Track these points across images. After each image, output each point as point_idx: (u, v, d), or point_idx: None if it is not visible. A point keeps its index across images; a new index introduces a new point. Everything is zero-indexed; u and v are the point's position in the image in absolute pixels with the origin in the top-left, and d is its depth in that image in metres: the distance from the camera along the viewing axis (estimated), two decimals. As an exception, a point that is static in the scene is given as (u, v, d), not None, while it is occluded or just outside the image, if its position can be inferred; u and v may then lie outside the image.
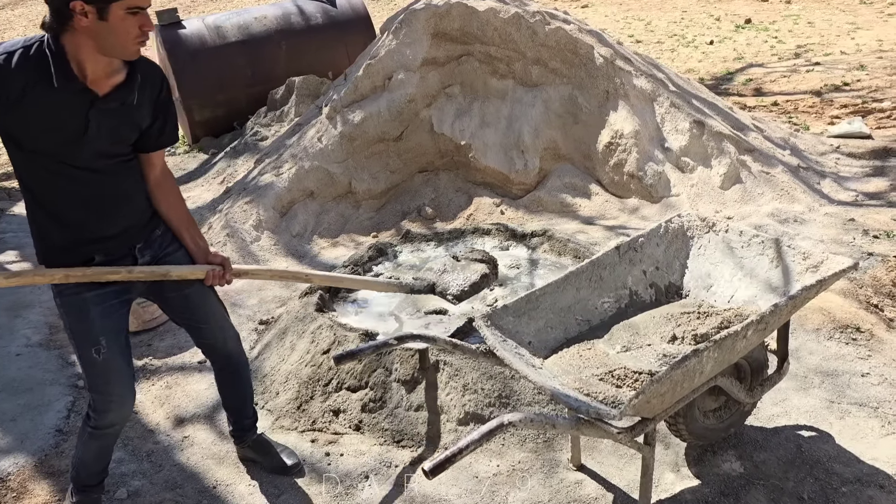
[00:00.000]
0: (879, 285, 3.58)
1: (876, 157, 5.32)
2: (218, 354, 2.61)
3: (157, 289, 2.38)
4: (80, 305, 2.20)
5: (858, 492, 2.45)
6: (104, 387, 2.27)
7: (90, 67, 2.01)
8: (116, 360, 2.24)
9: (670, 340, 2.40)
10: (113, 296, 2.24)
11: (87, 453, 2.43)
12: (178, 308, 2.46)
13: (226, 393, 2.73)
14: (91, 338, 2.20)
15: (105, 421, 2.33)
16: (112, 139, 2.13)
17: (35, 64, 1.96)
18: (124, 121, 2.14)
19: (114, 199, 2.19)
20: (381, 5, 14.85)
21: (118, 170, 2.19)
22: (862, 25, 9.89)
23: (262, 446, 2.81)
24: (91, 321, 2.20)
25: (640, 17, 11.98)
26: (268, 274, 2.80)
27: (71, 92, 2.00)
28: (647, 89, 4.97)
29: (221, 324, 2.54)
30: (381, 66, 5.24)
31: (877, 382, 2.98)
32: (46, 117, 2.00)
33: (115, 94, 2.08)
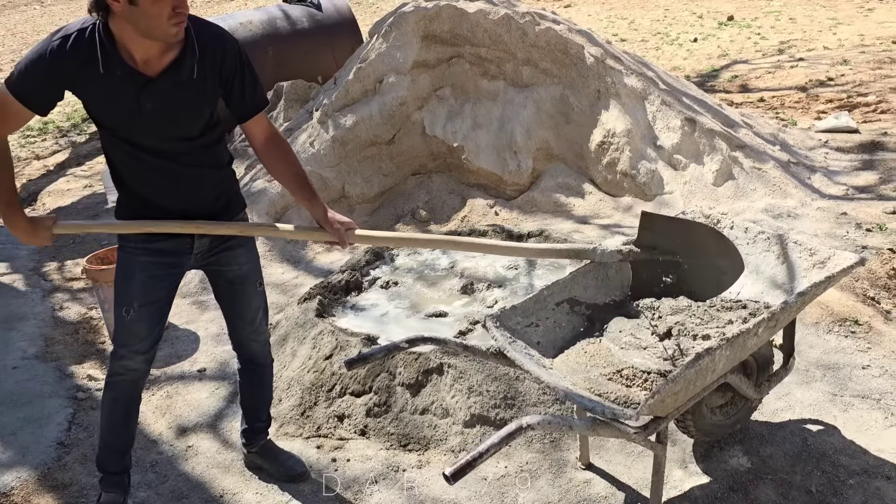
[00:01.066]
0: (875, 278, 3.62)
1: (864, 150, 5.39)
2: (244, 351, 2.67)
3: (213, 273, 2.49)
4: (129, 266, 2.33)
5: (866, 483, 2.48)
6: (122, 340, 2.39)
7: (137, 50, 2.05)
8: (141, 324, 2.35)
9: (666, 337, 2.41)
10: (164, 266, 2.35)
11: (103, 411, 2.50)
12: (223, 296, 2.55)
13: (244, 392, 2.76)
14: (126, 298, 2.33)
15: (115, 367, 2.43)
16: (169, 120, 2.16)
17: (87, 48, 2.03)
18: (182, 100, 2.15)
19: (182, 182, 2.26)
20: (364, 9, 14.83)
21: (190, 155, 2.24)
22: (843, 20, 10.02)
23: (269, 452, 2.81)
24: (132, 283, 2.32)
25: (624, 16, 12.06)
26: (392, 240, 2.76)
27: (118, 77, 2.05)
28: (637, 88, 4.99)
29: (256, 325, 2.60)
30: (371, 69, 5.23)
31: (878, 374, 3.01)
32: (99, 100, 2.10)
33: (166, 74, 2.10)
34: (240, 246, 2.44)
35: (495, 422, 2.87)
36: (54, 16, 17.84)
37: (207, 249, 2.39)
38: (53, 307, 4.24)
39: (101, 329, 3.98)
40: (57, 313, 4.17)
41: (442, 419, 2.90)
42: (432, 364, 2.99)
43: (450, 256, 4.09)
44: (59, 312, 4.18)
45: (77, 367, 3.62)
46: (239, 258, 2.45)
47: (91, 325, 4.03)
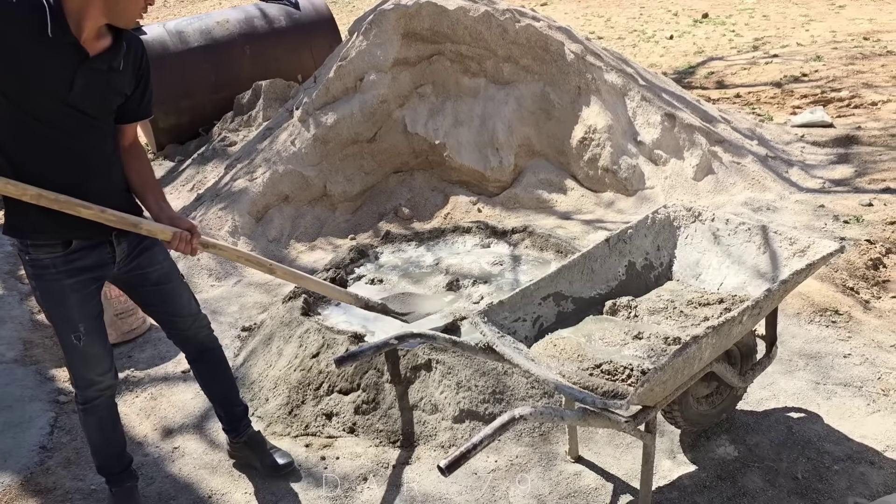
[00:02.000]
0: (854, 269, 3.68)
1: (839, 144, 5.48)
2: (192, 345, 2.62)
3: (132, 280, 2.41)
4: (59, 292, 2.22)
5: (850, 469, 2.52)
6: (83, 368, 2.34)
7: (88, 27, 2.04)
8: (94, 344, 2.31)
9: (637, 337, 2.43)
10: (91, 282, 2.27)
11: (91, 434, 2.49)
12: (152, 302, 2.49)
13: (207, 383, 2.72)
14: (71, 325, 2.25)
15: (87, 395, 2.39)
16: (96, 101, 2.14)
17: (33, 10, 1.96)
18: (110, 85, 2.15)
19: (88, 168, 2.18)
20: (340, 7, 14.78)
21: (89, 134, 2.17)
22: (815, 17, 10.17)
23: (257, 443, 2.79)
24: (70, 308, 2.24)
25: (600, 14, 12.14)
26: (234, 254, 2.66)
27: (63, 45, 2.01)
28: (617, 84, 5.03)
29: (195, 314, 2.57)
30: (351, 67, 5.21)
31: (859, 362, 3.06)
32: (36, 64, 1.99)
33: (104, 56, 2.10)
34: (154, 245, 2.41)
35: (484, 416, 2.87)
36: None
37: (127, 255, 2.34)
38: (31, 310, 4.17)
39: (81, 332, 3.92)
40: (35, 316, 4.10)
41: (431, 415, 2.90)
42: (420, 360, 2.99)
43: (434, 253, 4.09)
44: (37, 315, 4.11)
45: (57, 370, 3.56)
46: (157, 256, 2.42)
47: (71, 328, 3.97)
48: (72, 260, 2.21)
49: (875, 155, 5.21)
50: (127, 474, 2.60)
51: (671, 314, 2.52)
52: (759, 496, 2.45)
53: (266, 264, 2.73)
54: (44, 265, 2.19)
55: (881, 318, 3.38)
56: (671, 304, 2.56)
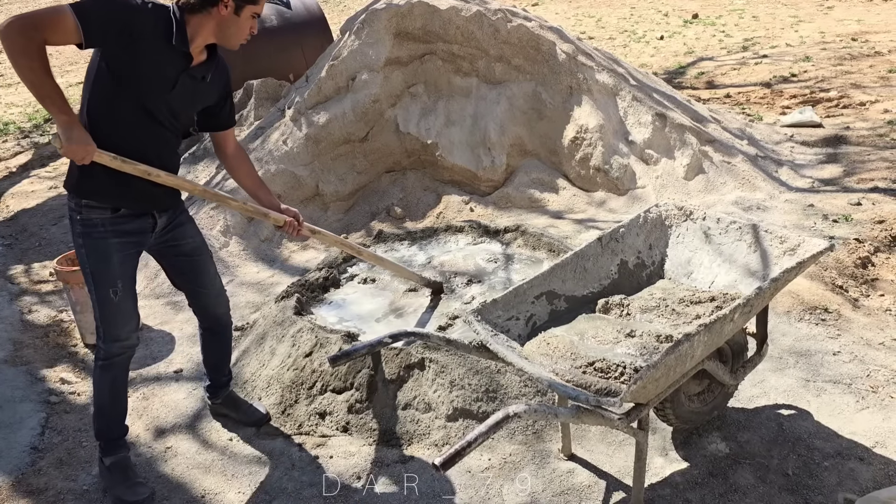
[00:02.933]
0: (843, 267, 3.71)
1: (828, 144, 5.52)
2: (209, 316, 2.90)
3: (168, 250, 2.70)
4: (105, 249, 2.47)
5: (840, 465, 2.55)
6: (114, 322, 2.55)
7: (198, 42, 2.40)
8: (128, 301, 2.56)
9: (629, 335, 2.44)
10: (132, 245, 2.54)
11: (102, 392, 2.65)
12: (182, 271, 2.77)
13: (209, 351, 3.00)
14: (111, 280, 2.49)
15: (112, 350, 2.59)
16: (186, 102, 2.50)
17: (164, 20, 2.33)
18: (199, 92, 2.52)
19: (157, 156, 2.48)
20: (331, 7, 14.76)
21: (172, 135, 2.53)
22: (804, 18, 10.25)
23: (233, 401, 3.08)
24: (113, 265, 2.49)
25: (591, 14, 12.18)
26: (331, 239, 3.12)
27: (178, 52, 2.36)
28: (609, 84, 5.05)
29: (218, 290, 2.87)
30: (343, 66, 5.21)
31: (848, 360, 3.09)
32: (153, 63, 2.33)
33: (200, 67, 2.47)
34: (187, 221, 2.73)
35: (478, 415, 2.88)
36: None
37: (164, 227, 2.63)
38: (21, 311, 4.14)
39: (72, 332, 3.91)
40: (25, 317, 4.08)
41: (424, 413, 2.91)
42: (413, 359, 2.99)
43: (427, 252, 4.10)
44: (27, 316, 4.09)
45: (48, 370, 3.54)
46: (189, 231, 2.72)
47: (62, 328, 3.95)
48: (118, 222, 2.48)
49: (863, 155, 5.26)
50: (122, 442, 2.74)
51: (663, 312, 2.54)
52: (751, 492, 2.47)
53: (356, 249, 3.28)
54: (93, 224, 2.45)
55: (870, 315, 3.42)
56: (663, 302, 2.58)
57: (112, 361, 2.61)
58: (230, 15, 2.38)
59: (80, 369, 3.57)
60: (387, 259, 3.47)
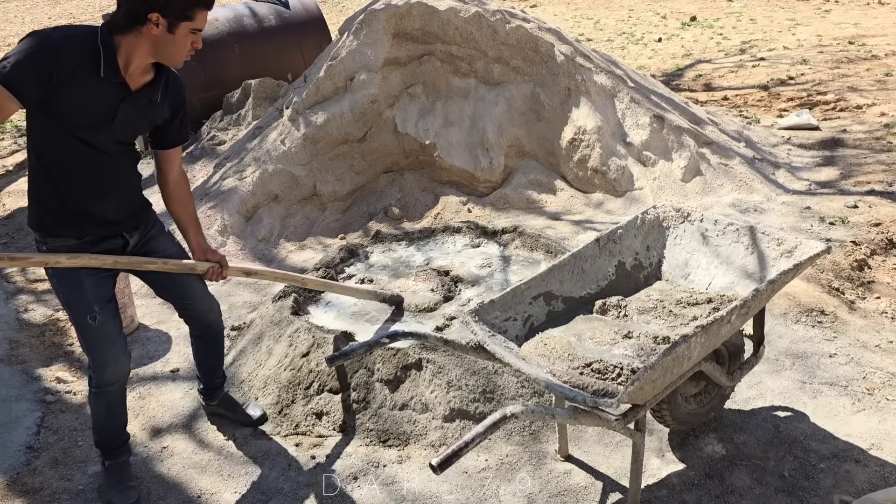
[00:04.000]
0: (839, 269, 3.72)
1: (825, 147, 5.53)
2: (200, 324, 2.84)
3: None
4: (75, 276, 2.39)
5: (836, 467, 2.55)
6: (100, 349, 2.47)
7: (135, 65, 2.24)
8: (108, 324, 2.46)
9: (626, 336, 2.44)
10: (103, 269, 2.44)
11: (98, 414, 2.62)
12: (163, 285, 2.69)
13: (202, 356, 2.95)
14: (86, 306, 2.41)
15: (104, 379, 2.52)
16: (130, 130, 2.36)
17: (90, 52, 2.16)
18: (145, 115, 2.37)
19: (112, 182, 2.39)
20: (330, 7, 14.76)
21: (123, 158, 2.41)
22: (801, 21, 10.27)
23: (229, 402, 3.05)
24: (85, 291, 2.40)
25: (589, 16, 12.20)
26: (268, 274, 2.98)
27: (111, 83, 2.21)
28: (607, 85, 5.06)
29: (204, 299, 2.77)
30: (342, 66, 5.21)
31: (844, 362, 3.10)
32: (84, 100, 2.19)
33: (144, 91, 2.31)
34: (160, 234, 2.62)
35: (475, 416, 2.88)
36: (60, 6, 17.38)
37: (136, 244, 2.53)
38: (17, 309, 4.13)
39: (68, 331, 3.90)
40: (21, 315, 4.07)
41: (421, 414, 2.90)
42: (411, 359, 2.99)
43: (424, 253, 4.10)
44: (23, 315, 4.08)
45: (44, 369, 3.53)
46: (163, 243, 2.62)
47: (58, 327, 3.94)
48: (84, 248, 2.40)
49: (860, 157, 5.28)
50: (122, 449, 2.71)
51: (660, 314, 2.54)
52: (747, 494, 2.47)
53: (298, 279, 3.08)
54: (59, 251, 2.37)
55: (866, 318, 3.42)
56: (660, 303, 2.58)
57: (105, 390, 2.54)
58: (163, 34, 2.17)
59: (75, 368, 3.56)
60: (334, 283, 3.33)
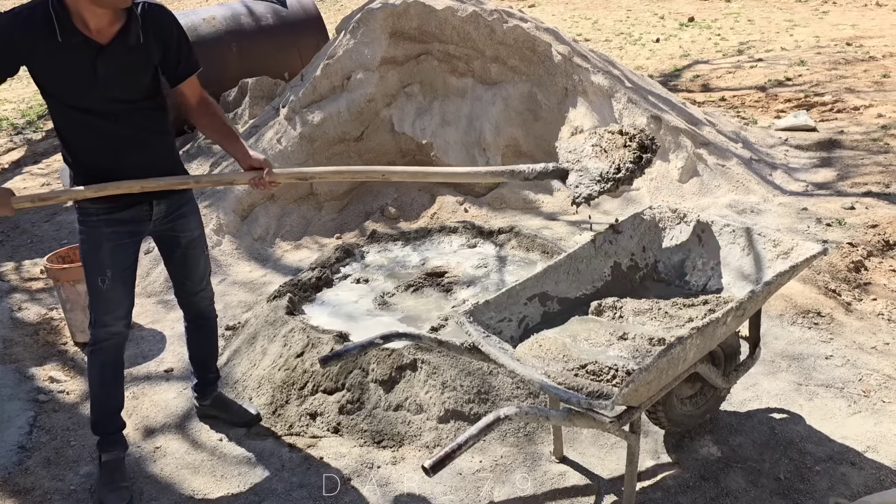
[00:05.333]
0: (836, 271, 3.71)
1: (822, 148, 5.53)
2: (192, 309, 2.88)
3: (167, 238, 2.67)
4: (96, 238, 2.48)
5: (832, 469, 2.54)
6: (100, 310, 2.55)
7: (91, 19, 2.18)
8: (117, 291, 2.53)
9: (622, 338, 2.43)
10: (126, 235, 2.52)
11: (93, 381, 2.66)
12: (175, 260, 2.74)
13: (194, 345, 2.95)
14: (100, 269, 2.49)
15: (99, 334, 2.59)
16: (123, 84, 2.32)
17: (42, 21, 2.15)
18: (133, 63, 2.32)
19: (127, 145, 2.39)
20: (328, 6, 14.74)
21: (133, 117, 2.39)
22: (799, 22, 10.27)
23: (222, 402, 3.03)
24: (103, 254, 2.48)
25: (587, 16, 12.19)
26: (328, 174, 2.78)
27: (74, 44, 2.18)
28: (604, 86, 5.05)
29: (204, 285, 2.84)
30: (339, 65, 5.19)
31: (840, 364, 3.09)
32: (57, 68, 2.19)
33: (118, 40, 2.25)
34: (191, 213, 2.68)
35: (469, 417, 2.87)
36: None
37: (164, 215, 2.58)
38: (11, 308, 4.11)
39: (62, 330, 3.88)
40: (15, 314, 4.05)
41: (416, 415, 2.89)
42: (405, 360, 2.98)
43: (420, 253, 4.09)
44: (17, 313, 4.06)
45: (38, 368, 3.52)
46: (190, 223, 2.68)
47: (52, 326, 3.92)
48: (112, 211, 2.46)
49: (857, 159, 5.27)
50: (118, 438, 2.74)
51: (656, 315, 2.53)
52: (742, 496, 2.46)
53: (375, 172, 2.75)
54: (88, 212, 2.47)
55: (862, 320, 3.42)
56: (656, 304, 2.57)
57: (100, 346, 2.61)
58: None
59: (69, 368, 3.54)
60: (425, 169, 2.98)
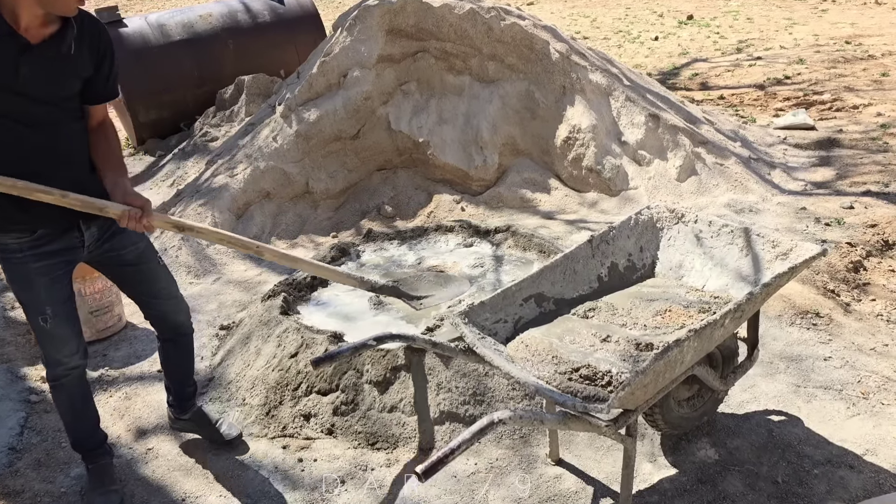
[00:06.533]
0: (834, 271, 3.69)
1: (820, 147, 5.50)
2: (168, 325, 2.67)
3: (108, 260, 2.45)
4: (25, 274, 2.27)
5: (830, 473, 2.51)
6: (50, 348, 2.40)
7: (25, 17, 2.05)
8: (62, 326, 2.35)
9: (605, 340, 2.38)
10: (59, 266, 2.31)
11: (62, 410, 2.55)
12: (129, 281, 2.54)
13: (170, 364, 2.79)
14: (38, 307, 2.30)
15: (55, 373, 2.45)
16: (49, 88, 2.14)
17: None
18: (64, 70, 2.16)
19: (52, 156, 2.19)
20: (325, 3, 14.69)
21: (61, 129, 2.21)
22: (798, 21, 10.24)
23: (202, 418, 2.86)
24: (37, 291, 2.28)
25: (586, 14, 12.15)
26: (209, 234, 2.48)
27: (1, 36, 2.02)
28: (602, 84, 5.01)
29: (174, 296, 2.62)
30: (335, 63, 5.16)
31: (839, 365, 3.07)
32: None
33: (49, 42, 2.11)
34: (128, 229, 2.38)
35: (464, 418, 2.84)
36: None
37: (97, 238, 2.38)
38: (4, 307, 4.08)
39: (55, 329, 3.84)
40: (8, 313, 4.01)
41: (411, 416, 2.86)
42: (400, 361, 2.95)
43: (417, 252, 4.06)
44: (9, 312, 4.02)
45: (30, 368, 3.48)
46: (131, 237, 2.44)
47: (44, 326, 3.89)
48: (38, 245, 2.25)
49: (856, 158, 5.25)
50: (101, 451, 2.64)
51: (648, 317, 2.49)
52: (740, 500, 2.44)
53: (252, 246, 2.63)
54: (11, 249, 2.24)
55: (861, 321, 3.39)
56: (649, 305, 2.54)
57: (60, 383, 2.47)
58: None
59: (61, 368, 3.51)
60: (300, 259, 2.77)
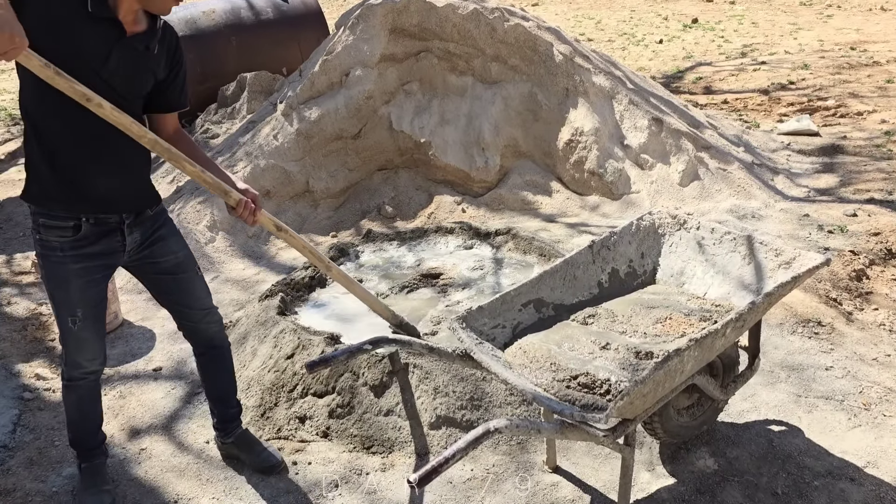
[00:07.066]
0: (837, 279, 3.65)
1: (824, 153, 5.47)
2: (201, 338, 2.61)
3: (147, 267, 2.43)
4: (63, 275, 2.24)
5: (830, 485, 2.48)
6: (74, 351, 2.39)
7: (124, 8, 2.09)
8: (88, 329, 2.34)
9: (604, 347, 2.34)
10: (97, 270, 2.29)
11: (70, 409, 2.53)
12: (165, 290, 2.49)
13: (208, 380, 2.71)
14: (69, 308, 2.29)
15: (73, 374, 2.44)
16: (129, 80, 2.17)
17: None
18: (145, 65, 2.19)
19: (112, 148, 2.18)
20: (329, 1, 14.66)
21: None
22: (803, 26, 10.21)
23: (247, 442, 2.75)
24: (72, 292, 2.26)
25: (590, 16, 12.12)
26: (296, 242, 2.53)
27: (102, 19, 2.06)
28: (605, 87, 4.98)
29: (208, 308, 2.57)
30: (337, 61, 5.13)
31: (841, 375, 3.03)
32: (74, 40, 2.03)
33: (140, 37, 2.15)
34: (170, 235, 2.43)
35: (461, 423, 2.81)
36: None
37: (139, 244, 2.36)
38: (0, 302, 4.05)
39: (50, 326, 3.82)
40: (4, 308, 3.98)
41: (406, 420, 2.83)
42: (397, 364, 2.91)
43: (416, 254, 4.03)
44: (5, 308, 3.99)
45: (24, 365, 3.46)
46: (172, 246, 2.43)
47: (40, 322, 3.86)
48: (80, 245, 2.23)
49: (860, 165, 5.21)
50: (98, 451, 2.63)
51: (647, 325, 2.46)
52: (738, 511, 2.41)
53: (324, 262, 2.65)
54: (51, 247, 2.22)
55: (863, 330, 3.36)
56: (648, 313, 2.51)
57: (75, 384, 2.47)
58: None
59: (56, 365, 3.48)
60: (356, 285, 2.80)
